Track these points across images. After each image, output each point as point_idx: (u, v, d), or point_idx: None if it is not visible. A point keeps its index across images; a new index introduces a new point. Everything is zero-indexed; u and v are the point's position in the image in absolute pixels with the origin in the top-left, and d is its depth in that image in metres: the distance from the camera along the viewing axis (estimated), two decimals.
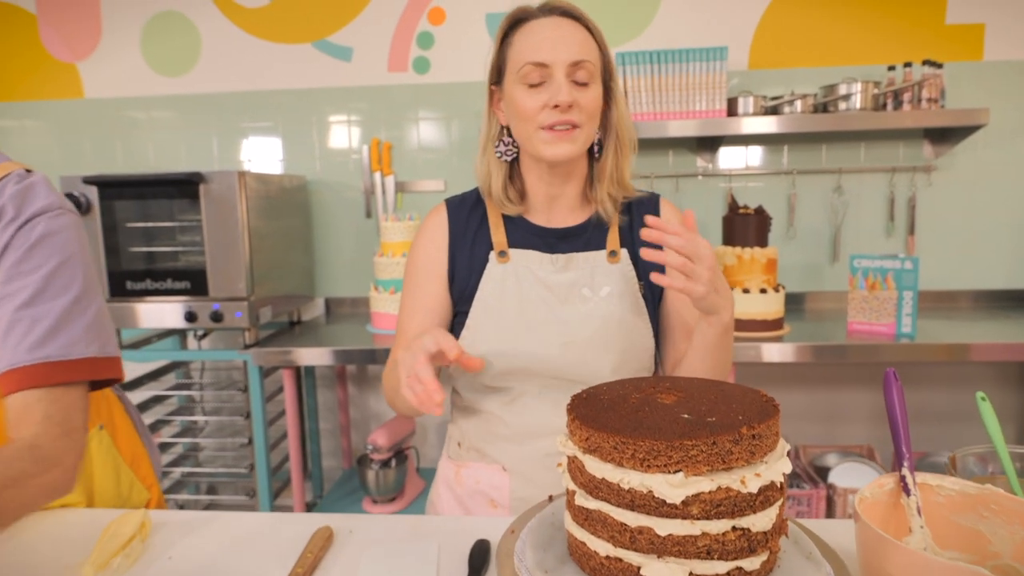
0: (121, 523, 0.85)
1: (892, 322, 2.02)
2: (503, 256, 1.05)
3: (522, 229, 1.09)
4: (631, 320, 1.04)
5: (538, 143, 0.99)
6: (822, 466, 2.33)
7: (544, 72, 0.96)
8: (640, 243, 1.06)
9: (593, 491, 0.55)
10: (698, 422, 0.53)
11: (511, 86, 1.01)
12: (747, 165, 2.49)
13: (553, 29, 0.97)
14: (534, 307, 1.03)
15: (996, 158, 2.40)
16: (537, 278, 1.04)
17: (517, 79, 0.99)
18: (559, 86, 0.96)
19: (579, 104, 0.97)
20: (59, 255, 0.82)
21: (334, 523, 0.89)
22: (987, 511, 0.65)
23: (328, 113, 2.59)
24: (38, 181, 0.85)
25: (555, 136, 0.98)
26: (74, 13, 2.60)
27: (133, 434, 1.09)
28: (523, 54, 0.98)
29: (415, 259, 1.11)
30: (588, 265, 1.06)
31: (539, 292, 1.04)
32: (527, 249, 1.07)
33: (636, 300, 1.05)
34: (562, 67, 0.96)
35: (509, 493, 1.08)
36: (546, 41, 0.97)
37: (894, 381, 0.74)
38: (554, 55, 0.96)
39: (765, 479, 0.52)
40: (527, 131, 1.00)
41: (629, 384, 0.63)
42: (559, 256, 1.06)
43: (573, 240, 1.08)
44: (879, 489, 0.71)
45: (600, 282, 1.04)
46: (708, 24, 2.40)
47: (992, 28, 2.32)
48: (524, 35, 1.00)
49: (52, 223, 0.83)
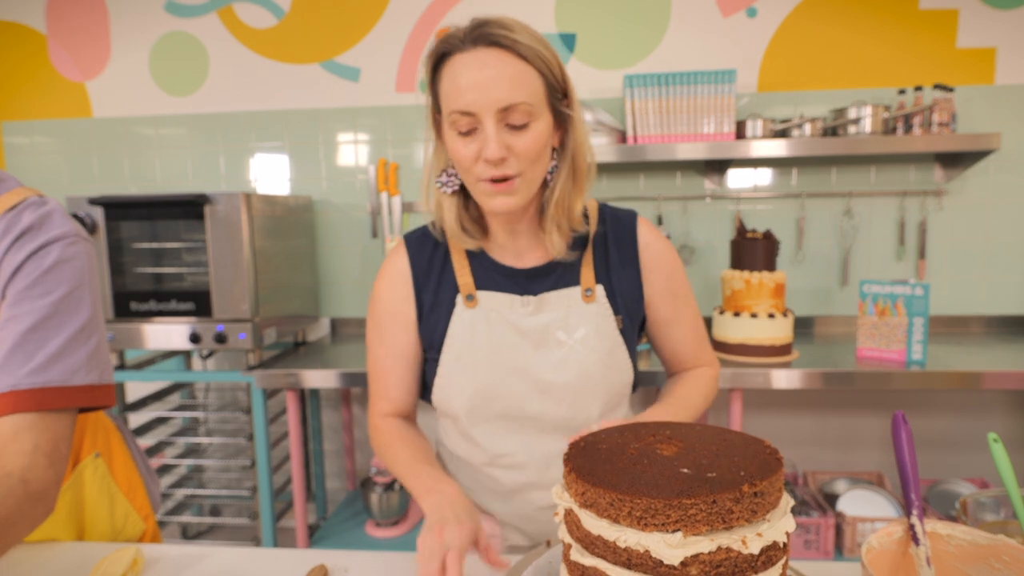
0: (112, 561, 0.83)
1: (902, 349, 1.99)
2: (471, 300, 0.99)
3: (489, 269, 1.01)
4: (609, 361, 0.99)
5: (479, 195, 0.92)
6: (831, 493, 2.29)
7: (472, 120, 0.87)
8: (617, 274, 1.01)
9: (589, 547, 0.53)
10: (698, 478, 0.51)
11: (446, 129, 0.91)
12: (756, 187, 2.47)
13: (477, 70, 0.85)
14: (507, 354, 0.98)
15: (1008, 182, 2.37)
16: (508, 323, 0.98)
17: (448, 125, 0.90)
18: (488, 137, 0.86)
19: (514, 151, 0.87)
20: (69, 283, 0.83)
21: (330, 560, 0.88)
22: (999, 562, 0.63)
23: (335, 133, 2.60)
24: (55, 209, 0.87)
25: (493, 190, 0.90)
26: (83, 33, 2.62)
27: (130, 463, 1.08)
28: (449, 100, 0.88)
29: (379, 308, 1.04)
30: (562, 305, 0.99)
31: (511, 338, 0.98)
32: (496, 292, 1.00)
33: (614, 338, 0.99)
34: (490, 114, 0.85)
35: (502, 542, 1.06)
36: (470, 86, 0.85)
37: (903, 424, 0.72)
38: (480, 102, 0.85)
39: (767, 539, 0.50)
40: (468, 180, 0.93)
41: (629, 432, 0.61)
42: (530, 298, 0.99)
43: (543, 279, 1.00)
44: (887, 538, 0.69)
45: (575, 323, 0.98)
46: (717, 46, 2.40)
47: (1004, 52, 2.31)
48: (449, 75, 0.88)
49: (66, 251, 0.84)
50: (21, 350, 0.78)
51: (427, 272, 1.03)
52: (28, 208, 0.85)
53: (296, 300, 2.44)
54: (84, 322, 0.83)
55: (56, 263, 0.82)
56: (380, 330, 1.05)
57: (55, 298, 0.81)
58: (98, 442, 1.02)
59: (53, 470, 0.78)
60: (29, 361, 0.78)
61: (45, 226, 0.84)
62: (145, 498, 1.09)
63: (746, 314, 2.05)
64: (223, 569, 0.87)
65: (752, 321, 2.03)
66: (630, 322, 1.02)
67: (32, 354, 0.78)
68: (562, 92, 0.93)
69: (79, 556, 0.91)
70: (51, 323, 0.80)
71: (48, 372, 0.79)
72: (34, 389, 0.77)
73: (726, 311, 2.11)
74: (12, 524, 0.72)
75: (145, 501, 1.09)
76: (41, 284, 0.81)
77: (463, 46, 0.87)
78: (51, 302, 0.81)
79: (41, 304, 0.80)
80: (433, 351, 1.02)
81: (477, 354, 0.98)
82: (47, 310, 0.80)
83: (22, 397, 0.77)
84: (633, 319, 1.03)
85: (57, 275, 0.82)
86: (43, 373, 0.78)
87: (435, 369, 1.02)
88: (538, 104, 0.88)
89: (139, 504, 1.07)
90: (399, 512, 2.29)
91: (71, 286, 0.83)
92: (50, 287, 0.81)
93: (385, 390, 1.05)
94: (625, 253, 1.02)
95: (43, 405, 0.78)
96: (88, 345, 0.83)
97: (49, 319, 0.80)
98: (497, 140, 0.86)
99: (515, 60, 0.86)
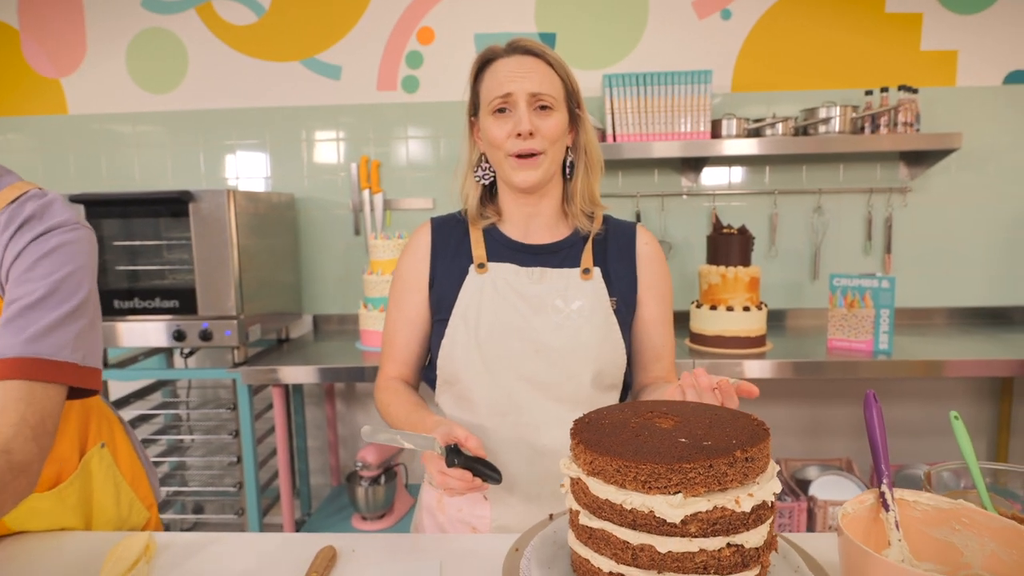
0: (126, 546, 0.86)
1: (870, 339, 2.08)
2: (482, 268, 1.13)
3: (501, 244, 1.16)
4: (602, 334, 1.09)
5: (507, 170, 1.09)
6: (803, 479, 2.37)
7: (509, 101, 1.06)
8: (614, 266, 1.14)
9: (596, 511, 0.58)
10: (695, 446, 0.56)
11: (484, 117, 1.10)
12: (730, 185, 2.55)
13: (516, 65, 1.08)
14: (508, 315, 1.09)
15: (968, 180, 2.48)
16: (512, 288, 1.11)
17: (488, 111, 1.09)
18: (521, 115, 1.06)
19: (540, 131, 1.06)
20: (70, 265, 0.86)
21: (337, 542, 0.91)
22: (959, 524, 0.69)
23: (317, 131, 2.61)
24: (55, 199, 0.90)
25: (521, 164, 1.08)
26: (58, 28, 2.59)
27: (132, 453, 1.10)
28: (491, 89, 1.08)
29: (400, 272, 1.19)
30: (562, 280, 1.12)
31: (513, 301, 1.10)
32: (504, 263, 1.14)
33: (607, 316, 1.10)
34: (524, 96, 1.06)
35: (490, 522, 1.11)
36: (510, 75, 1.07)
37: (873, 403, 0.78)
38: (516, 86, 1.06)
39: (757, 499, 0.56)
40: (498, 158, 1.10)
41: (628, 409, 0.66)
42: (534, 269, 1.13)
43: (548, 257, 1.15)
44: (860, 505, 0.75)
45: (572, 296, 1.10)
46: (693, 47, 2.47)
47: (964, 55, 2.42)
48: (492, 73, 1.10)
49: (66, 236, 0.87)
50: (16, 323, 0.81)
51: (445, 245, 1.17)
52: (30, 200, 0.87)
53: (279, 297, 2.45)
54: (79, 303, 0.86)
55: (57, 247, 0.85)
56: (397, 298, 1.19)
57: (55, 278, 0.84)
58: (103, 433, 1.04)
59: (37, 444, 0.79)
60: (22, 333, 0.80)
61: (47, 215, 0.87)
62: (148, 488, 1.11)
63: (722, 307, 2.12)
64: (233, 554, 0.90)
65: (728, 314, 2.11)
66: (624, 307, 1.13)
67: (25, 328, 0.81)
68: (577, 100, 1.14)
69: (90, 545, 0.93)
70: (49, 301, 0.83)
71: (38, 344, 0.81)
72: (24, 358, 0.79)
73: (703, 304, 2.18)
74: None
75: (148, 491, 1.11)
76: (42, 266, 0.84)
77: (504, 54, 1.10)
78: (51, 282, 0.83)
79: (41, 284, 0.83)
80: (443, 311, 1.13)
81: (482, 313, 1.10)
82: (46, 288, 0.83)
83: (10, 365, 0.79)
84: (627, 306, 1.13)
85: (58, 257, 0.85)
86: (33, 344, 0.80)
87: (442, 332, 1.12)
88: (559, 100, 1.09)
89: (143, 493, 1.09)
90: (385, 505, 2.32)
91: (71, 268, 0.86)
92: (51, 268, 0.84)
93: (394, 352, 1.18)
94: (624, 250, 1.17)
95: (30, 375, 0.79)
96: (77, 325, 0.85)
97: (47, 297, 0.83)
98: (528, 117, 1.06)
99: (544, 65, 1.09)
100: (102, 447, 1.02)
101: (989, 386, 2.58)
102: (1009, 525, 0.64)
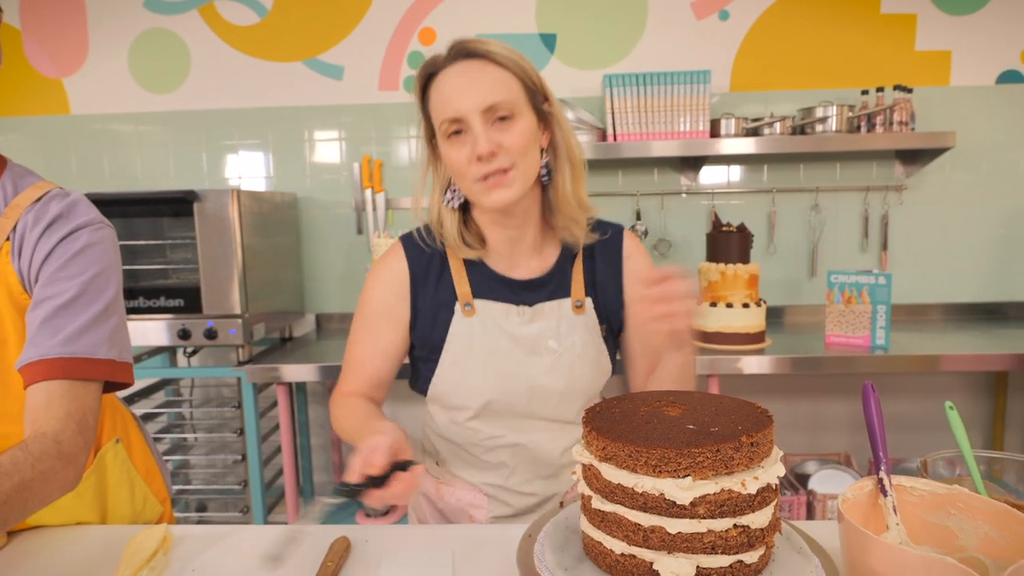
0: (144, 538, 0.88)
1: (867, 335, 2.11)
2: (469, 309, 1.05)
3: (486, 278, 1.07)
4: (593, 368, 1.09)
5: (477, 194, 0.98)
6: (802, 473, 2.40)
7: (460, 123, 0.94)
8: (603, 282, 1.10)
9: (609, 495, 0.60)
10: (703, 432, 0.59)
11: (441, 142, 0.99)
12: (729, 183, 2.58)
13: (458, 77, 0.95)
14: (501, 358, 1.04)
15: (963, 178, 2.52)
16: (503, 330, 1.05)
17: (441, 135, 0.98)
18: (476, 135, 0.93)
19: (504, 146, 0.94)
20: (98, 265, 0.88)
21: (349, 533, 0.93)
22: (954, 509, 0.71)
23: (319, 130, 2.63)
24: (79, 199, 0.92)
25: (488, 186, 0.96)
26: (60, 28, 2.61)
27: (146, 448, 1.12)
28: (439, 111, 0.96)
29: (371, 301, 1.09)
30: (554, 316, 1.06)
31: (505, 344, 1.04)
32: (493, 301, 1.06)
33: (599, 346, 1.09)
34: (475, 114, 0.93)
35: (487, 512, 1.12)
36: (454, 93, 0.94)
37: (872, 392, 0.81)
38: (464, 105, 0.93)
39: (762, 481, 0.58)
40: (465, 185, 0.99)
41: (637, 398, 0.69)
42: (525, 308, 1.06)
43: (538, 291, 1.07)
44: (859, 491, 0.77)
45: (565, 332, 1.06)
46: (691, 48, 2.50)
47: (958, 55, 2.45)
48: (436, 91, 0.97)
49: (93, 235, 0.89)
50: (51, 324, 0.83)
51: (425, 277, 1.08)
52: (54, 199, 0.90)
53: (282, 296, 2.47)
54: (109, 302, 0.89)
55: (85, 246, 0.87)
56: (368, 325, 1.10)
57: (85, 278, 0.86)
58: (117, 428, 1.06)
59: (83, 436, 0.82)
60: (58, 334, 0.83)
61: (72, 214, 0.89)
62: (161, 482, 1.13)
63: (722, 304, 2.15)
64: (248, 546, 0.92)
65: (728, 311, 2.14)
66: (612, 331, 1.12)
67: (61, 328, 0.83)
68: (542, 94, 1.00)
69: (106, 538, 0.94)
70: (80, 301, 0.85)
71: (75, 344, 0.83)
72: (63, 358, 0.82)
73: (703, 301, 2.21)
74: (47, 481, 0.75)
75: (162, 485, 1.13)
76: (72, 266, 0.86)
77: (445, 64, 0.96)
78: (81, 282, 0.86)
79: (72, 284, 0.85)
80: (428, 352, 1.08)
81: (473, 359, 1.05)
82: (78, 288, 0.85)
83: (52, 365, 0.81)
84: (613, 327, 1.13)
85: (87, 257, 0.87)
86: (70, 344, 0.83)
87: (432, 368, 1.07)
88: (519, 103, 0.96)
89: (156, 487, 1.11)
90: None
91: (99, 268, 0.88)
92: (80, 268, 0.86)
93: (361, 375, 1.10)
94: (611, 264, 1.11)
95: (71, 374, 0.82)
96: (109, 323, 0.88)
97: (79, 297, 0.85)
98: (486, 136, 0.93)
99: (492, 67, 0.95)
100: (116, 442, 1.04)
101: (984, 380, 2.61)
102: (1002, 508, 0.66)
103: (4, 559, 0.89)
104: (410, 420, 2.74)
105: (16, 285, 0.86)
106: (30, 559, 0.89)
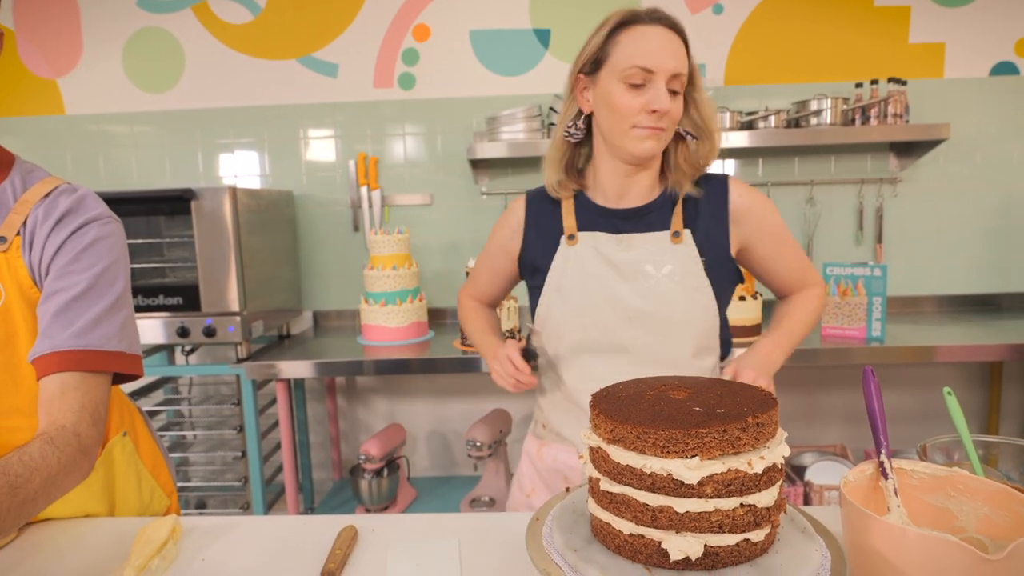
0: (154, 528, 0.88)
1: (863, 326, 2.13)
2: (572, 239, 1.15)
3: (591, 212, 1.17)
4: (692, 297, 1.10)
5: (628, 139, 1.07)
6: (799, 465, 2.42)
7: (647, 76, 1.03)
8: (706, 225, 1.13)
9: (617, 477, 0.61)
10: (710, 413, 0.60)
11: (609, 81, 1.06)
12: None
13: (661, 38, 1.04)
14: (599, 284, 1.12)
15: (957, 170, 2.54)
16: (602, 257, 1.12)
17: (619, 77, 1.05)
18: (658, 93, 1.03)
19: (670, 113, 1.05)
20: (107, 258, 0.89)
21: (356, 523, 0.94)
22: (954, 491, 0.72)
23: (313, 128, 2.63)
24: (88, 193, 0.93)
25: (646, 134, 1.06)
26: (54, 29, 2.60)
27: (152, 442, 1.13)
28: (631, 56, 1.04)
29: (494, 236, 1.29)
30: (651, 244, 1.12)
31: (602, 270, 1.12)
32: (594, 231, 1.15)
33: (699, 277, 1.10)
34: (664, 76, 1.03)
35: (581, 475, 1.15)
36: (655, 49, 1.03)
37: (871, 378, 0.82)
38: (660, 63, 1.02)
39: (768, 461, 0.59)
40: (619, 126, 1.07)
41: (644, 383, 0.70)
42: (624, 236, 1.14)
43: (637, 221, 1.15)
44: (861, 474, 0.79)
45: (663, 260, 1.10)
46: None
47: (952, 47, 2.47)
48: (633, 38, 1.05)
49: (103, 229, 0.90)
50: (64, 316, 0.84)
51: (538, 218, 1.22)
52: (63, 194, 0.90)
53: (280, 294, 2.47)
54: (119, 294, 0.90)
55: (95, 240, 0.88)
56: (489, 251, 1.31)
57: (96, 271, 0.87)
58: (124, 422, 1.07)
59: (96, 428, 0.83)
60: (71, 326, 0.84)
61: (81, 208, 0.90)
62: (168, 475, 1.14)
63: None
64: (256, 536, 0.93)
65: None
66: (717, 267, 1.13)
67: (73, 320, 0.84)
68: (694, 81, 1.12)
69: (115, 530, 0.95)
70: (91, 294, 0.86)
71: (88, 336, 0.84)
72: (76, 350, 0.83)
73: None
74: (69, 473, 0.77)
75: (168, 478, 1.14)
76: (82, 259, 0.87)
77: (647, 20, 1.05)
78: (92, 275, 0.87)
79: (84, 277, 0.86)
80: (537, 280, 1.20)
81: (573, 284, 1.13)
82: (88, 281, 0.86)
83: (65, 357, 0.82)
84: (720, 266, 1.13)
85: (96, 251, 0.88)
86: (83, 337, 0.84)
87: (538, 296, 1.19)
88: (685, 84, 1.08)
89: (163, 480, 1.12)
90: (388, 498, 2.35)
91: (109, 261, 0.89)
92: (91, 262, 0.87)
93: (477, 287, 1.36)
94: (717, 209, 1.14)
95: (84, 366, 0.83)
96: (120, 316, 0.89)
97: (90, 290, 0.86)
98: (668, 97, 1.04)
99: (682, 44, 1.07)
100: (124, 436, 1.05)
101: (979, 371, 2.63)
102: (1001, 489, 0.67)
103: (16, 552, 0.90)
104: (409, 418, 2.75)
105: (27, 279, 0.87)
106: (41, 551, 0.90)
